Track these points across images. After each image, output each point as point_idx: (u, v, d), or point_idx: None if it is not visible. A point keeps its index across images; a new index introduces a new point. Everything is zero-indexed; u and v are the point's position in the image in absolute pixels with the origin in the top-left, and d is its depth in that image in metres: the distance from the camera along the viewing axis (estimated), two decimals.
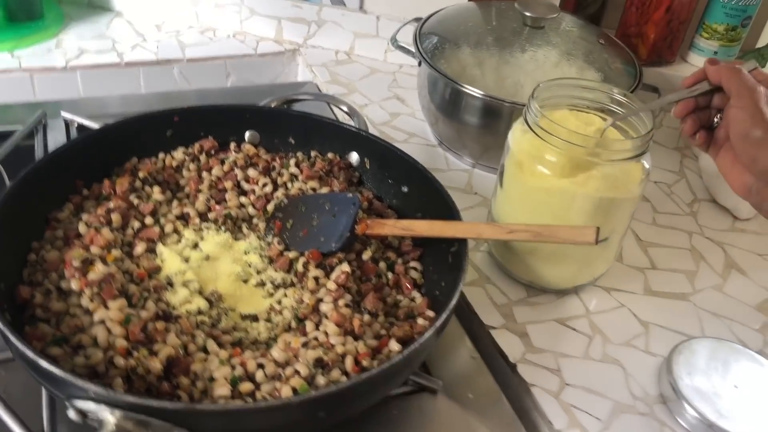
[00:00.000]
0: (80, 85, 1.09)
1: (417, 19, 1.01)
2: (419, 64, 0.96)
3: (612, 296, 0.79)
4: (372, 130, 1.00)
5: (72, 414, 0.50)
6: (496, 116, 0.89)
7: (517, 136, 0.73)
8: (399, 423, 0.64)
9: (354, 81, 1.12)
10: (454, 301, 0.61)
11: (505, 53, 1.01)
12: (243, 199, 0.78)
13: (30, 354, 0.50)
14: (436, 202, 0.74)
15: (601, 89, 0.74)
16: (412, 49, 0.96)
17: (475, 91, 0.88)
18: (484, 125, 0.90)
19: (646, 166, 0.72)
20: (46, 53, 1.10)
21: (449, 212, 0.71)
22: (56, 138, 0.92)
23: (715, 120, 0.67)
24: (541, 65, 0.99)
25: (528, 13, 0.96)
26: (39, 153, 0.90)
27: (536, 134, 0.70)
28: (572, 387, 0.68)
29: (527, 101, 0.71)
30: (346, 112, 0.91)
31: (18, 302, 0.62)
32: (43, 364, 0.50)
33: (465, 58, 1.00)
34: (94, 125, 0.89)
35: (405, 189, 0.79)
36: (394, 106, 1.07)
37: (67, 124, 0.94)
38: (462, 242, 0.68)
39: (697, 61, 1.13)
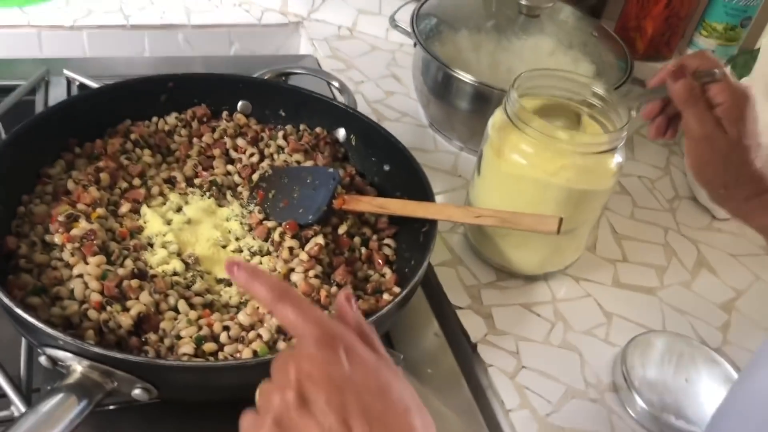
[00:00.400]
0: (86, 45, 1.12)
1: None
2: (414, 45, 0.97)
3: (580, 285, 0.82)
4: (365, 108, 1.03)
5: (43, 360, 0.54)
6: (486, 102, 0.91)
7: (496, 123, 0.75)
8: None
9: (353, 57, 1.14)
10: (416, 278, 0.64)
11: (503, 39, 1.02)
12: (230, 167, 0.81)
13: (7, 302, 0.53)
14: (414, 182, 0.76)
15: (582, 82, 0.76)
16: (409, 29, 0.98)
17: (465, 77, 0.90)
18: (474, 110, 0.92)
19: (619, 159, 0.74)
20: (56, 11, 1.12)
21: (424, 193, 0.74)
22: (57, 95, 0.95)
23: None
24: (537, 53, 1.01)
25: (523, 1, 0.97)
26: (39, 109, 0.93)
27: (513, 124, 0.72)
28: (528, 370, 0.71)
29: (508, 90, 0.73)
30: (337, 88, 0.93)
31: (4, 252, 0.65)
32: (18, 312, 0.53)
33: (462, 42, 1.02)
34: (94, 85, 0.91)
35: (387, 167, 0.82)
36: (389, 85, 1.09)
37: (69, 82, 0.97)
38: (433, 223, 0.70)
39: None
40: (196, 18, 1.17)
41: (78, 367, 0.53)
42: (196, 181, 0.79)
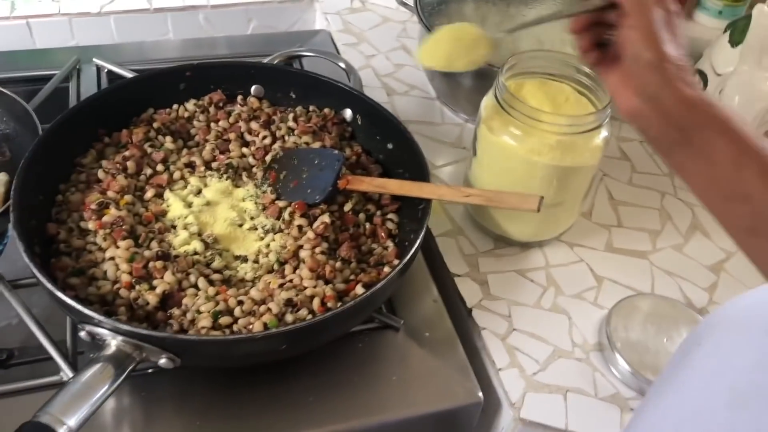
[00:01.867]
0: (114, 30, 1.20)
1: None
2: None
3: (573, 251, 0.88)
4: (375, 82, 1.08)
5: (83, 335, 0.63)
6: (487, 78, 0.95)
7: (488, 106, 0.81)
8: (363, 355, 0.76)
9: (365, 30, 1.19)
10: (412, 251, 0.71)
11: (511, 10, 1.06)
12: (245, 150, 0.89)
13: (50, 287, 0.63)
14: (413, 161, 0.83)
15: (570, 61, 0.80)
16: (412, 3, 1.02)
17: None
18: (477, 86, 0.96)
19: (605, 134, 0.79)
20: None
21: (421, 172, 0.80)
22: (88, 83, 1.04)
23: (608, 37, 0.64)
24: (544, 24, 1.04)
25: None
26: (72, 98, 1.02)
27: (501, 107, 0.77)
28: (519, 332, 0.78)
29: (497, 75, 0.78)
30: (343, 69, 0.99)
31: (47, 237, 0.75)
32: (61, 296, 0.62)
33: (468, 13, 1.06)
34: (122, 72, 1.00)
35: (390, 146, 0.88)
36: (400, 57, 1.14)
37: (99, 70, 1.05)
38: (428, 201, 0.77)
39: (703, 20, 1.16)
40: None
41: (113, 341, 0.62)
42: (214, 164, 0.86)
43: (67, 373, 0.70)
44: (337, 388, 0.73)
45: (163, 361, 0.62)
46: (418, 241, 0.73)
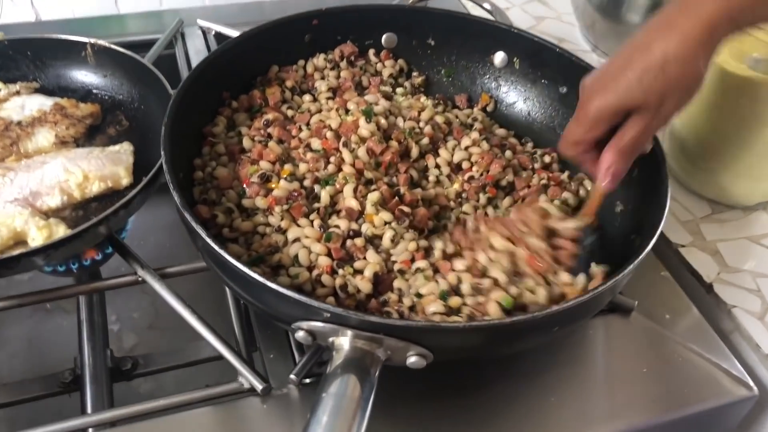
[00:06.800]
0: None
1: None
2: None
3: None
4: None
5: (301, 336, 0.51)
6: None
7: None
8: (595, 343, 0.65)
9: None
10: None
11: None
12: None
13: (262, 281, 0.50)
14: None
15: None
16: None
17: None
18: None
19: None
20: None
21: None
22: (196, 46, 0.93)
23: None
24: None
25: None
26: (182, 63, 0.91)
27: None
28: None
29: None
30: (488, 11, 0.89)
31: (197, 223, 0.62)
32: (278, 288, 0.50)
33: None
34: (231, 32, 0.88)
35: (563, 89, 0.77)
36: (537, 10, 1.04)
37: (204, 33, 0.95)
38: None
39: None
40: None
41: (343, 341, 0.50)
42: None
43: (248, 378, 0.58)
44: (578, 385, 0.62)
45: (413, 360, 0.50)
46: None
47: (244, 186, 0.65)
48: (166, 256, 0.76)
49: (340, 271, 0.58)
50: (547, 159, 0.74)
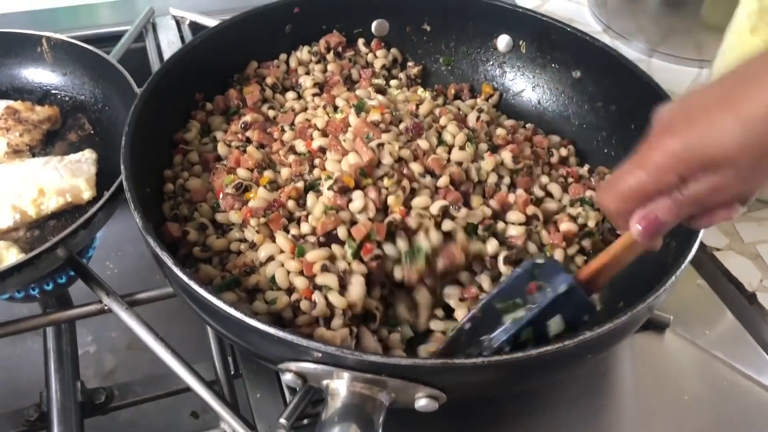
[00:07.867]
0: None
1: None
2: None
3: None
4: None
5: (289, 379, 0.44)
6: None
7: (752, 11, 0.64)
8: (628, 365, 0.59)
9: None
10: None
11: None
12: None
13: (240, 317, 0.43)
14: (628, 84, 0.65)
15: None
16: None
17: None
18: (671, 2, 0.80)
19: None
20: None
21: (652, 93, 0.61)
22: (168, 38, 0.88)
23: None
24: None
25: None
26: (153, 58, 0.85)
27: None
28: None
29: None
30: None
31: (167, 242, 0.55)
32: (258, 326, 0.43)
33: None
34: (208, 21, 0.83)
35: (577, 74, 0.72)
36: None
37: (178, 22, 0.90)
38: None
39: None
40: None
41: (340, 384, 0.43)
42: None
43: (232, 425, 0.51)
44: (607, 419, 0.56)
45: (423, 403, 0.43)
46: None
47: (219, 198, 0.57)
48: (145, 268, 0.71)
49: (319, 293, 0.51)
50: (563, 152, 0.67)
